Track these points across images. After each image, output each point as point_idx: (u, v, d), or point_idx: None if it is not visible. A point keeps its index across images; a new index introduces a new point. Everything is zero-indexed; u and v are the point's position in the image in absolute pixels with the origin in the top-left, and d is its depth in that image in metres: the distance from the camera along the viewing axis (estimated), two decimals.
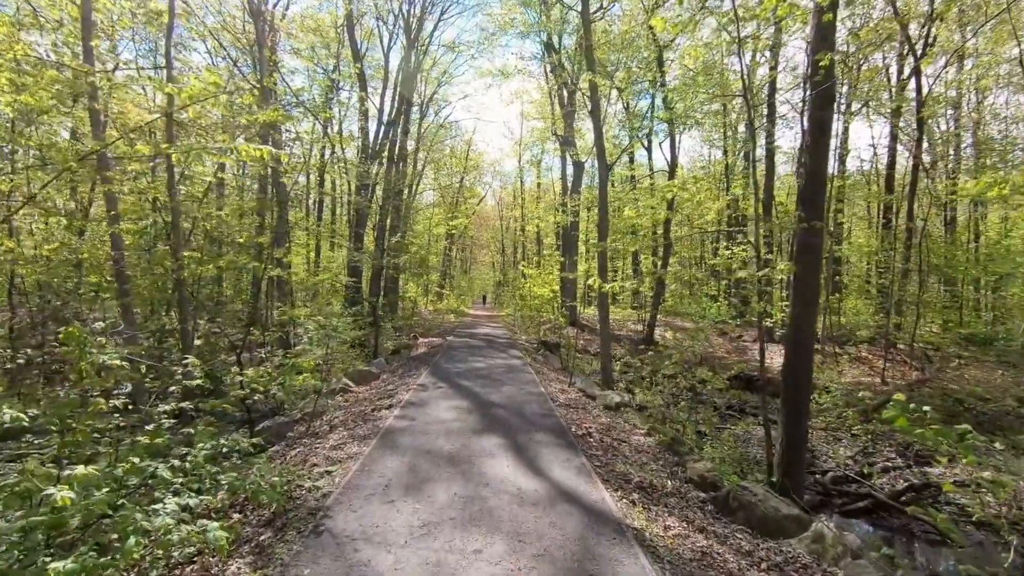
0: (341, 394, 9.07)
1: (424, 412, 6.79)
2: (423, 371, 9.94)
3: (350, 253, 17.45)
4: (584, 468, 4.95)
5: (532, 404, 7.36)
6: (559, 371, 11.87)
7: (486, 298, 45.52)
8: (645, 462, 5.59)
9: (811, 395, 5.90)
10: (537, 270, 19.53)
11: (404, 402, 7.36)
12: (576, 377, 9.88)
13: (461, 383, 8.73)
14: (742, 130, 21.87)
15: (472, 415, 6.68)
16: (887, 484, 7.05)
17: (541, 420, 6.58)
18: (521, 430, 6.08)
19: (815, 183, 5.77)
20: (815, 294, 5.87)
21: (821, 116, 5.75)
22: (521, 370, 10.19)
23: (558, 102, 21.17)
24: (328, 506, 4.02)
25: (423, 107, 25.75)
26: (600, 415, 7.45)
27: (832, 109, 6.02)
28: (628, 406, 8.31)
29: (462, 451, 5.28)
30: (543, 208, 29.75)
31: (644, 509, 4.25)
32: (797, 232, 5.75)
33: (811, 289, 5.67)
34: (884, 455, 8.02)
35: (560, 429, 6.19)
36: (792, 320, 5.69)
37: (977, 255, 17.93)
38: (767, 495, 4.60)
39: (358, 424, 6.48)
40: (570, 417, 6.90)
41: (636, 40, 18.05)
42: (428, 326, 19.93)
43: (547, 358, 13.42)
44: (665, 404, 10.54)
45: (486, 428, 6.11)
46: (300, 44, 22.20)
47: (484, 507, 4.02)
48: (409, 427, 6.13)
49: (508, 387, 8.50)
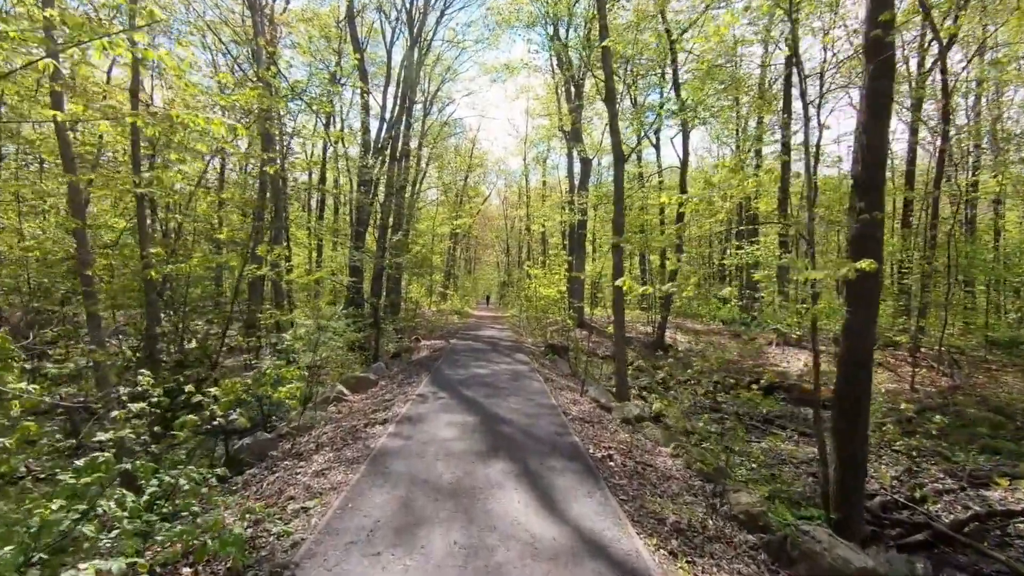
0: (335, 403, 8.27)
1: (422, 429, 5.97)
2: (423, 378, 9.12)
3: (351, 252, 16.67)
4: (608, 504, 4.11)
5: (543, 419, 6.52)
6: (569, 377, 11.03)
7: (489, 298, 44.68)
8: (677, 492, 4.74)
9: (870, 413, 5.03)
10: (542, 270, 18.70)
11: (401, 416, 6.54)
12: (588, 385, 9.04)
13: (464, 393, 7.91)
14: (753, 126, 20.95)
15: (476, 433, 5.85)
16: (943, 511, 6.18)
17: (554, 439, 5.75)
18: (532, 452, 5.25)
19: (873, 166, 4.91)
20: (875, 295, 5.01)
21: (880, 87, 4.89)
22: (528, 377, 9.36)
23: (565, 97, 20.30)
24: (297, 561, 3.20)
25: (426, 104, 24.97)
26: (618, 431, 6.60)
27: (893, 80, 5.15)
28: (647, 419, 7.46)
29: (464, 480, 4.46)
30: (549, 207, 28.90)
31: (688, 564, 3.41)
32: (852, 224, 4.89)
33: (871, 289, 4.82)
34: (932, 475, 7.14)
35: (576, 451, 5.35)
36: (848, 325, 4.82)
37: (1001, 255, 16.95)
38: (832, 541, 3.75)
39: (347, 443, 5.66)
40: (586, 435, 6.06)
41: (644, 34, 17.19)
42: (431, 327, 19.12)
43: (555, 363, 12.58)
44: (684, 414, 9.70)
45: (492, 450, 5.28)
46: (300, 38, 21.46)
47: (491, 562, 3.18)
48: (404, 448, 5.31)
49: (515, 398, 7.67)
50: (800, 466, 7.38)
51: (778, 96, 17.74)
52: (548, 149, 30.29)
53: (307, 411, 7.04)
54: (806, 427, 9.34)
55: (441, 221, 29.09)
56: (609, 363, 14.01)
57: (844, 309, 4.77)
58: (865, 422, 4.88)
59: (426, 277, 24.87)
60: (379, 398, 8.12)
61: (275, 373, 5.79)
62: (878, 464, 7.43)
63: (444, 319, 22.38)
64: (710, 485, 5.07)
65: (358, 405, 7.93)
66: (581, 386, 9.00)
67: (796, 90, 17.62)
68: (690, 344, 17.10)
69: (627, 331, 17.18)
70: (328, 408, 8.02)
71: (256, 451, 5.91)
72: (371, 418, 6.65)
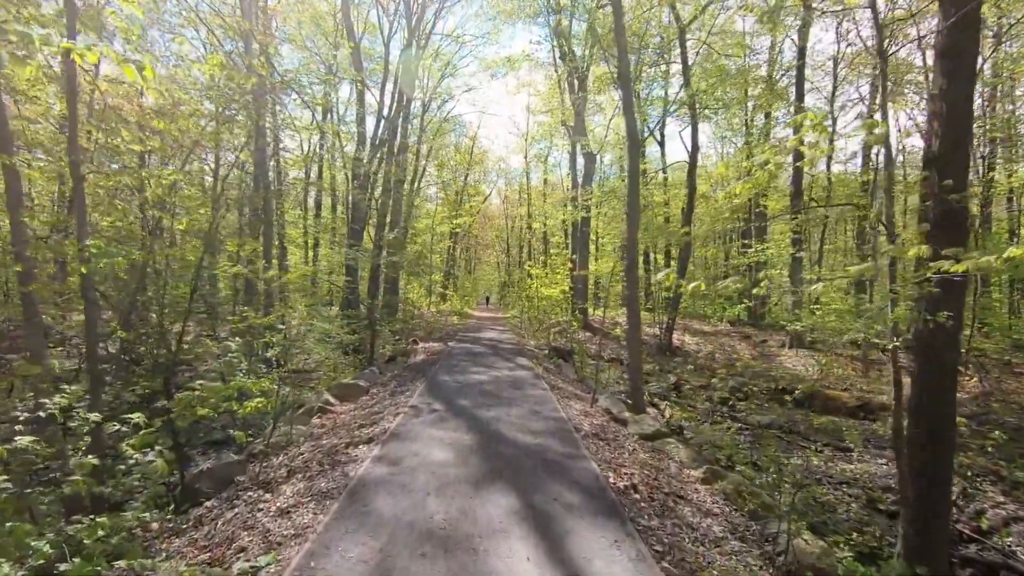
0: (319, 415, 7.35)
1: (412, 450, 5.05)
2: (418, 386, 8.20)
3: (345, 251, 15.76)
4: (641, 558, 3.20)
5: (552, 437, 5.60)
6: (575, 383, 10.12)
7: (489, 299, 43.75)
8: (720, 535, 3.82)
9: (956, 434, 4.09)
10: (544, 270, 17.80)
11: (389, 433, 5.62)
12: (599, 393, 8.12)
13: (461, 404, 6.98)
14: (760, 120, 20.05)
15: (474, 456, 4.92)
16: (1016, 544, 5.25)
17: (566, 462, 4.83)
18: (541, 482, 4.33)
19: (954, 137, 3.99)
20: (963, 290, 4.10)
21: (962, 44, 3.98)
22: (532, 384, 8.43)
23: (568, 90, 19.40)
24: None
25: (425, 101, 24.07)
26: (637, 450, 5.68)
27: (977, 35, 4.23)
28: (668, 434, 6.54)
29: (460, 525, 3.53)
30: (551, 204, 27.99)
31: None
32: (931, 209, 3.97)
33: (960, 284, 3.89)
34: (991, 498, 6.21)
35: (594, 481, 4.42)
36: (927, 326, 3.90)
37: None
38: None
39: (324, 469, 4.74)
40: (603, 457, 5.14)
41: (651, 24, 16.32)
42: (429, 329, 18.19)
43: (560, 367, 11.66)
44: (702, 421, 8.78)
45: (492, 479, 4.36)
46: (295, 34, 20.59)
47: None
48: (389, 477, 4.38)
49: (518, 409, 6.75)
50: (840, 487, 6.45)
51: (789, 89, 16.83)
52: (550, 146, 29.43)
53: (284, 426, 6.12)
54: (830, 438, 8.38)
55: (440, 220, 28.19)
56: (615, 367, 13.10)
57: (922, 311, 3.84)
58: (951, 446, 3.95)
59: (425, 277, 23.96)
60: (368, 409, 7.20)
61: (238, 386, 4.88)
62: None
63: (443, 320, 21.45)
64: (756, 524, 4.15)
65: (344, 418, 7.01)
66: (592, 395, 8.08)
67: (808, 84, 16.75)
68: (699, 346, 16.17)
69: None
70: (311, 421, 7.10)
71: (219, 477, 4.98)
72: (355, 435, 5.73)
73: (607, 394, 8.40)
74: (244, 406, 5.00)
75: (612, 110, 21.98)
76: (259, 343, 6.43)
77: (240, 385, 4.91)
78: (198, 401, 4.47)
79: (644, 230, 17.59)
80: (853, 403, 10.10)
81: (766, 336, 17.03)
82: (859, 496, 6.21)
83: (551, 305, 16.25)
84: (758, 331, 17.95)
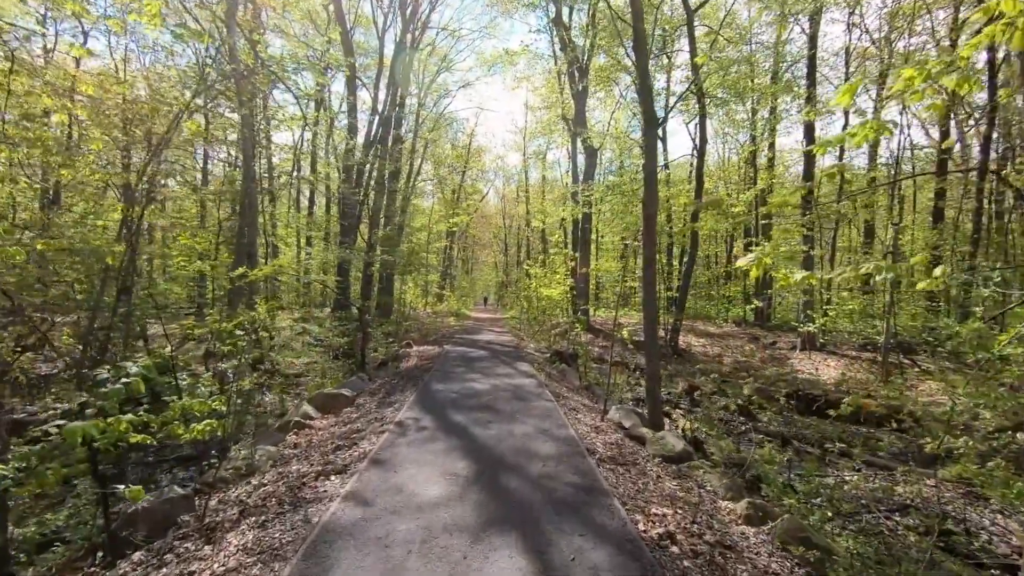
0: (295, 431, 6.37)
1: (394, 484, 4.08)
2: (407, 397, 7.23)
3: (334, 249, 14.76)
4: None
5: (563, 464, 4.63)
6: (581, 391, 9.17)
7: (487, 299, 42.77)
8: None
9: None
10: (543, 269, 16.84)
11: (369, 459, 4.65)
12: (609, 403, 7.18)
13: (455, 420, 6.02)
14: (765, 115, 19.16)
15: (470, 492, 3.96)
16: None
17: (583, 499, 3.87)
18: (556, 530, 3.36)
19: None
20: None
21: None
22: (536, 395, 7.47)
23: (568, 83, 18.45)
24: None
25: (421, 96, 23.13)
26: (663, 478, 4.73)
27: None
28: (692, 455, 5.59)
29: None
30: (550, 203, 27.06)
31: None
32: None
33: None
34: None
35: (621, 528, 3.46)
36: None
37: None
38: None
39: (283, 511, 3.76)
40: (626, 491, 4.18)
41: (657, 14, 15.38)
42: (425, 331, 17.21)
43: (564, 373, 10.71)
44: (721, 432, 7.85)
45: (493, 526, 3.40)
46: (287, 25, 19.61)
47: None
48: (361, 524, 3.41)
49: (521, 426, 5.79)
50: (893, 517, 5.51)
51: (799, 80, 15.95)
52: (548, 143, 28.51)
53: (245, 450, 5.14)
54: (866, 452, 7.44)
55: (437, 219, 27.21)
56: (620, 371, 12.15)
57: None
58: None
59: (421, 277, 22.97)
60: (349, 425, 6.22)
61: (181, 406, 3.90)
62: (990, 513, 5.58)
63: (440, 321, 20.47)
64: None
65: (321, 435, 6.03)
66: (603, 406, 7.13)
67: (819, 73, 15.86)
68: (706, 348, 15.26)
69: (634, 335, 15.28)
70: (285, 438, 6.12)
71: (158, 519, 4.00)
72: (328, 461, 4.75)
73: (617, 404, 7.45)
74: (190, 429, 4.02)
75: (613, 104, 21.06)
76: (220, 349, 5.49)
77: (184, 405, 3.94)
78: (125, 425, 3.49)
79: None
80: (881, 411, 9.18)
81: (775, 337, 16.14)
82: (916, 527, 5.27)
83: (551, 306, 15.31)
84: (766, 332, 17.07)
